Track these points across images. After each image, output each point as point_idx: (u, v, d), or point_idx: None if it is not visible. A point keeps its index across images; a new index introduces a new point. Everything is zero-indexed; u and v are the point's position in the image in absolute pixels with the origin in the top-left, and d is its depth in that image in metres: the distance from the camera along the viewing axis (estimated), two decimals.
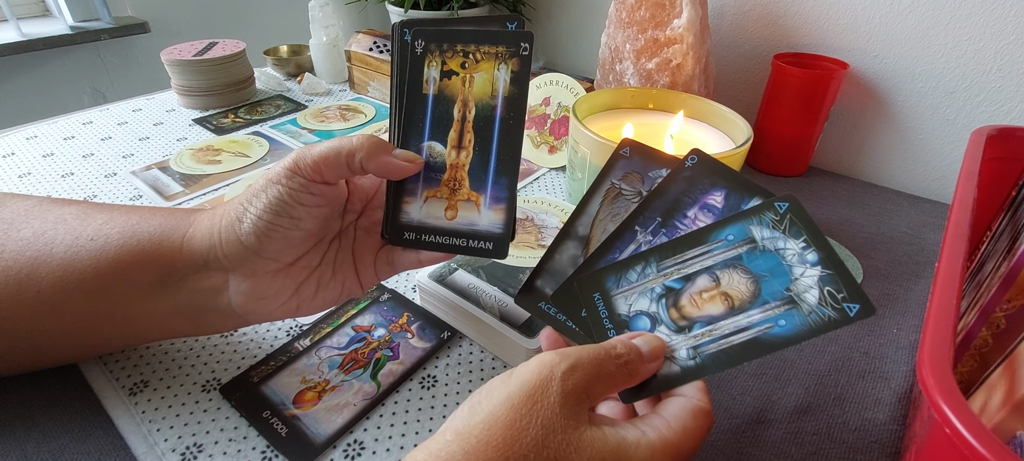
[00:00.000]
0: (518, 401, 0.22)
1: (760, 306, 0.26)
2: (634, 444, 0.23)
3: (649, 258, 0.28)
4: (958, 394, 0.19)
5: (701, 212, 0.29)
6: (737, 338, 0.26)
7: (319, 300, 0.33)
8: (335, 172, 0.29)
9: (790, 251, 0.27)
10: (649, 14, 0.61)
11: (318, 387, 0.36)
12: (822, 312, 0.25)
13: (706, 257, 0.28)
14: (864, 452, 0.34)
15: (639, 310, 0.28)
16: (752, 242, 0.27)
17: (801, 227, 0.27)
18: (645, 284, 0.28)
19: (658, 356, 0.26)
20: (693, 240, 0.28)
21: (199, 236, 0.31)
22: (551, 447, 0.21)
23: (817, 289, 0.26)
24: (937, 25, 0.58)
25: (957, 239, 0.29)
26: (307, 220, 0.30)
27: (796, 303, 0.26)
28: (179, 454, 0.32)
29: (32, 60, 1.21)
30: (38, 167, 0.63)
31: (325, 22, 0.86)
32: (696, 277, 0.27)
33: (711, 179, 0.30)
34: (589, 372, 0.24)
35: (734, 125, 0.52)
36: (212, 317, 0.32)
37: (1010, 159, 0.41)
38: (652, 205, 0.30)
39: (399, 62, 0.31)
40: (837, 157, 0.70)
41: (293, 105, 0.82)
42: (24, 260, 0.31)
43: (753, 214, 0.28)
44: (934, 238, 0.56)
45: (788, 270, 0.26)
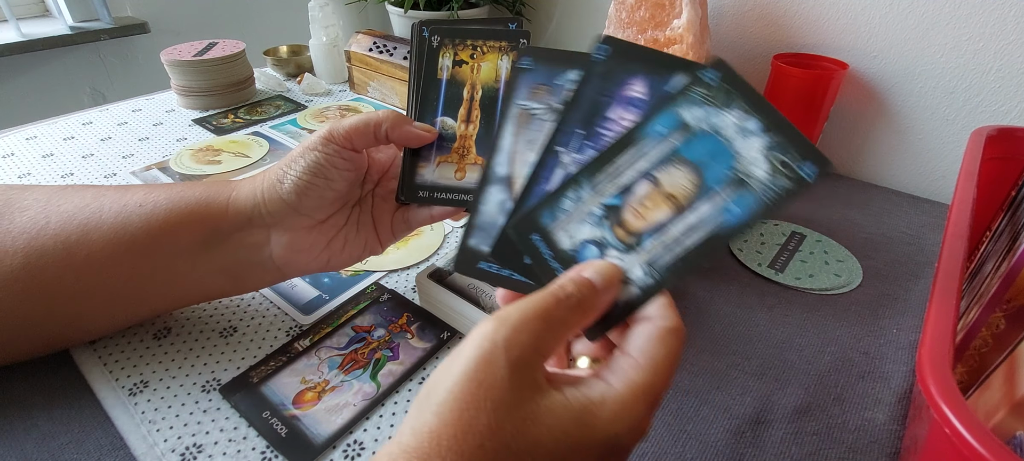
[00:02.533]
0: (462, 389, 0.20)
1: (708, 197, 0.23)
2: (599, 401, 0.21)
3: (579, 180, 0.25)
4: (958, 394, 0.19)
5: (624, 109, 0.26)
6: (691, 239, 0.23)
7: (346, 254, 0.38)
8: (363, 140, 0.34)
9: (728, 125, 0.23)
10: (649, 14, 0.61)
11: (318, 387, 0.36)
12: (776, 184, 0.22)
13: (639, 160, 0.25)
14: (864, 452, 0.34)
15: (583, 239, 0.25)
16: (685, 128, 0.24)
17: (736, 93, 0.24)
18: (582, 209, 0.25)
19: (613, 283, 0.24)
20: (621, 146, 0.25)
21: (243, 198, 0.35)
22: (506, 428, 0.19)
23: (765, 160, 0.23)
24: (937, 25, 0.58)
25: (957, 239, 0.29)
26: (338, 181, 0.35)
27: (745, 182, 0.23)
28: (179, 454, 0.32)
29: (32, 60, 1.21)
30: (38, 167, 0.63)
31: (325, 22, 0.86)
32: (634, 186, 0.24)
33: (627, 67, 0.26)
34: (536, 329, 0.21)
35: None
36: (254, 271, 0.36)
37: (1010, 159, 0.41)
38: (569, 118, 0.26)
39: (417, 54, 0.37)
40: (837, 157, 0.70)
41: (293, 105, 0.82)
42: (73, 227, 0.33)
43: (680, 96, 0.24)
44: (934, 238, 0.56)
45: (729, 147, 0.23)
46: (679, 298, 0.46)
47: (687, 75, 0.25)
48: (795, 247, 0.53)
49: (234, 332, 0.40)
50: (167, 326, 0.40)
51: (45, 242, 0.33)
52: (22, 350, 0.36)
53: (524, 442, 0.19)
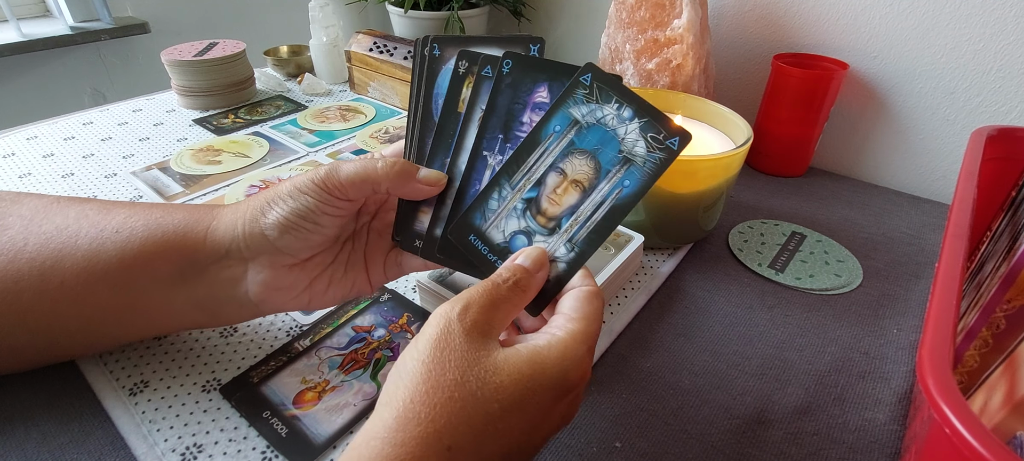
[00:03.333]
0: (428, 355, 0.23)
1: (606, 177, 0.28)
2: (546, 346, 0.25)
3: (500, 181, 0.30)
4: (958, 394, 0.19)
5: (533, 113, 0.30)
6: (598, 214, 0.28)
7: (330, 295, 0.35)
8: (360, 194, 0.32)
9: (609, 116, 0.28)
10: (649, 14, 0.61)
11: (318, 387, 0.36)
12: (652, 158, 0.27)
13: (546, 156, 0.29)
14: (864, 452, 0.34)
15: (512, 231, 0.29)
16: (576, 123, 0.29)
17: (609, 89, 0.28)
18: (506, 206, 0.29)
19: (543, 264, 0.28)
20: (528, 146, 0.29)
21: (222, 228, 0.33)
22: (470, 380, 0.23)
23: (642, 140, 0.28)
24: (937, 25, 0.58)
25: (957, 239, 0.29)
26: (328, 227, 0.32)
27: (631, 160, 0.28)
28: (179, 454, 0.32)
29: (32, 60, 1.21)
30: (38, 167, 0.63)
31: (325, 22, 0.86)
32: (545, 178, 0.29)
33: (532, 76, 0.30)
34: (483, 304, 0.25)
35: (734, 125, 0.52)
36: (229, 307, 0.34)
37: (1010, 159, 0.41)
38: (489, 124, 0.31)
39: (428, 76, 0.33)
40: (837, 157, 0.70)
41: (293, 105, 0.82)
42: (48, 252, 0.32)
43: (566, 97, 0.29)
44: (934, 238, 0.56)
45: (614, 134, 0.28)
46: (679, 299, 0.46)
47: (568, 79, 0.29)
48: (795, 247, 0.53)
49: (234, 332, 0.40)
50: None
51: (21, 266, 0.31)
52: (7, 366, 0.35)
53: (488, 389, 0.23)
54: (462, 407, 0.22)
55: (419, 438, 0.22)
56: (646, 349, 0.41)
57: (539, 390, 0.24)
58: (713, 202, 0.49)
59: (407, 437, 0.22)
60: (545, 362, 0.24)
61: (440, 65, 0.32)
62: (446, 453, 0.22)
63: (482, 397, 0.23)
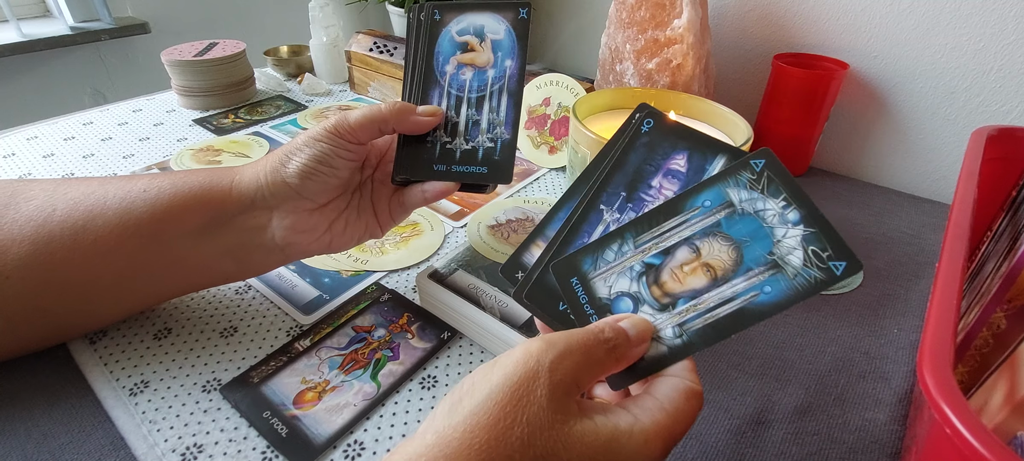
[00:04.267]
0: (502, 397, 0.20)
1: (744, 274, 0.25)
2: (627, 432, 0.22)
3: (625, 234, 0.27)
4: (958, 394, 0.19)
5: (665, 179, 0.28)
6: (723, 310, 0.25)
7: (347, 236, 0.38)
8: (368, 135, 0.35)
9: (770, 211, 0.25)
10: (649, 14, 0.61)
11: (318, 387, 0.36)
12: (808, 274, 0.24)
13: (684, 227, 0.26)
14: (864, 452, 0.34)
15: (620, 291, 0.26)
16: (730, 206, 0.26)
17: (780, 184, 0.25)
18: (623, 263, 0.26)
19: (645, 338, 0.25)
20: (668, 211, 0.27)
21: (246, 181, 0.35)
22: (538, 445, 0.20)
23: (801, 250, 0.24)
24: (937, 25, 0.58)
25: (957, 239, 0.29)
26: (342, 170, 0.36)
27: (780, 267, 0.24)
28: (179, 454, 0.32)
29: (32, 60, 1.21)
30: (38, 168, 0.63)
31: (325, 22, 0.86)
32: (675, 250, 0.26)
33: (671, 141, 0.28)
34: (578, 360, 0.22)
35: (734, 125, 0.52)
36: (257, 254, 0.37)
37: (1010, 159, 0.41)
38: (614, 180, 0.29)
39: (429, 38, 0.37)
40: (837, 157, 0.70)
41: (293, 105, 0.82)
42: (79, 213, 0.34)
43: (728, 176, 0.26)
44: (934, 238, 0.56)
45: (770, 232, 0.25)
46: None
47: (727, 157, 0.27)
48: None
49: (234, 332, 0.40)
50: (167, 326, 0.40)
51: (52, 229, 0.33)
52: (33, 338, 0.36)
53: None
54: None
55: None
56: None
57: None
58: None
59: None
60: (621, 451, 0.21)
61: (440, 28, 0.37)
62: None
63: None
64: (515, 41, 0.36)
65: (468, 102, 0.36)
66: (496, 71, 0.36)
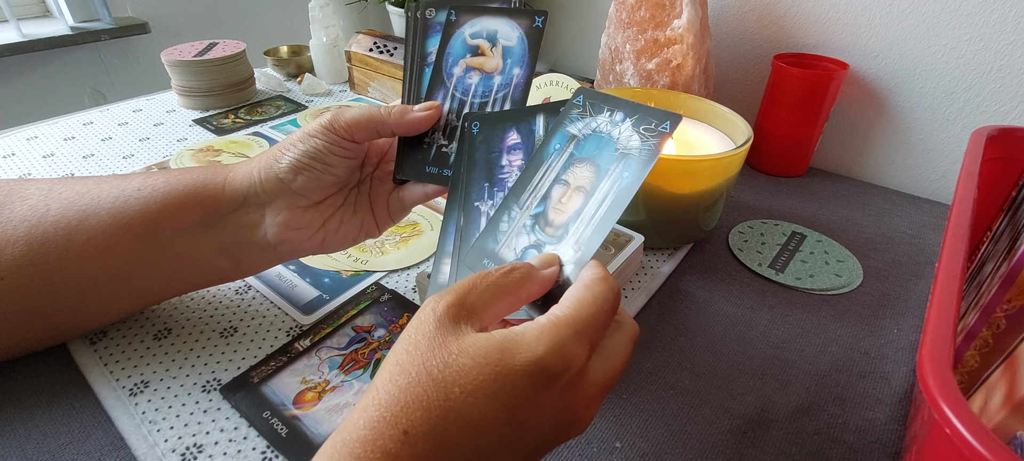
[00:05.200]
0: (400, 344, 0.23)
1: (606, 176, 0.29)
2: (520, 330, 0.23)
3: (509, 204, 0.31)
4: (958, 394, 0.19)
5: (511, 155, 0.33)
6: (602, 210, 0.28)
7: (342, 235, 0.38)
8: (365, 135, 0.35)
9: (602, 123, 0.30)
10: (649, 14, 0.61)
11: (318, 387, 0.36)
12: (648, 145, 0.29)
13: (549, 172, 0.30)
14: (864, 452, 0.34)
15: (523, 248, 0.30)
16: (574, 137, 0.31)
17: (600, 102, 0.31)
18: (516, 225, 0.30)
19: (552, 262, 0.28)
20: (533, 168, 0.31)
21: (239, 178, 0.35)
22: (432, 362, 0.22)
23: (636, 134, 0.29)
24: (937, 25, 0.58)
25: (957, 239, 0.29)
26: (338, 168, 0.35)
27: (627, 154, 0.29)
28: (179, 454, 0.32)
29: (32, 60, 1.21)
30: (38, 168, 0.63)
31: (325, 22, 0.86)
32: (550, 192, 0.30)
33: (499, 127, 0.33)
34: (461, 289, 0.24)
35: (734, 125, 0.52)
36: (250, 252, 0.36)
37: (1010, 159, 0.41)
38: (474, 180, 0.33)
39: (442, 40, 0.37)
40: (837, 157, 0.70)
41: (293, 105, 0.82)
42: (73, 213, 0.34)
43: (563, 118, 0.31)
44: (934, 238, 0.56)
45: (609, 137, 0.30)
46: (679, 299, 0.46)
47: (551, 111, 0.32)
48: (795, 247, 0.53)
49: (234, 332, 0.40)
50: (167, 326, 0.40)
51: (46, 229, 0.33)
52: (31, 339, 0.36)
53: (450, 372, 0.22)
54: (421, 390, 0.21)
55: (375, 422, 0.21)
56: (646, 349, 0.41)
57: (509, 376, 0.21)
58: (713, 202, 0.49)
59: (366, 420, 0.21)
60: (516, 348, 0.22)
61: (454, 29, 0.37)
62: (402, 437, 0.21)
63: (442, 380, 0.21)
64: (526, 50, 0.36)
65: (470, 107, 0.36)
66: (503, 78, 0.36)
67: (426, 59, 0.37)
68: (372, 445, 0.20)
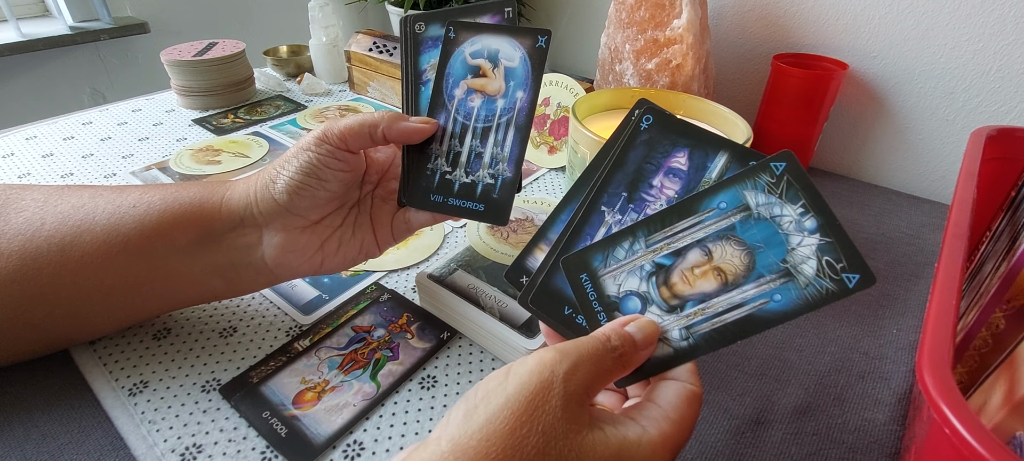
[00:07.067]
0: (518, 407, 0.21)
1: (755, 280, 0.24)
2: (635, 443, 0.22)
3: (636, 233, 0.26)
4: (957, 394, 0.19)
5: (667, 178, 0.27)
6: (731, 316, 0.24)
7: (341, 256, 0.37)
8: (359, 141, 0.33)
9: (787, 218, 0.24)
10: (649, 14, 0.61)
11: (318, 387, 0.36)
12: (819, 284, 0.24)
13: (697, 229, 0.25)
14: (864, 452, 0.34)
15: (629, 290, 0.26)
16: (746, 209, 0.25)
17: (799, 190, 0.24)
18: (634, 261, 0.26)
19: (652, 342, 0.25)
20: (683, 210, 0.26)
21: (236, 198, 0.35)
22: (552, 455, 0.20)
23: (815, 259, 0.24)
24: (937, 26, 0.58)
25: (957, 239, 0.29)
26: (333, 182, 0.34)
27: (792, 275, 0.24)
28: (179, 454, 0.32)
29: (32, 60, 1.21)
30: (38, 167, 0.63)
31: (325, 22, 0.86)
32: (687, 251, 0.25)
33: (671, 139, 0.28)
34: (590, 370, 0.23)
35: (734, 125, 0.52)
36: (246, 273, 0.36)
37: (1009, 159, 0.41)
38: (614, 180, 0.28)
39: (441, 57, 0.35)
40: (837, 157, 0.70)
41: (293, 105, 0.82)
42: (67, 229, 0.33)
43: (747, 177, 0.25)
44: (934, 238, 0.56)
45: (785, 239, 0.24)
46: None
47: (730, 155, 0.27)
48: None
49: (234, 332, 0.40)
50: (167, 326, 0.40)
51: (40, 244, 0.33)
52: (24, 350, 0.36)
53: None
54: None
55: None
56: None
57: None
58: None
59: None
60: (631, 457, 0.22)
61: (454, 47, 0.35)
62: None
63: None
64: (529, 72, 0.34)
65: (473, 132, 0.34)
66: (506, 102, 0.34)
67: (421, 76, 0.36)
68: None
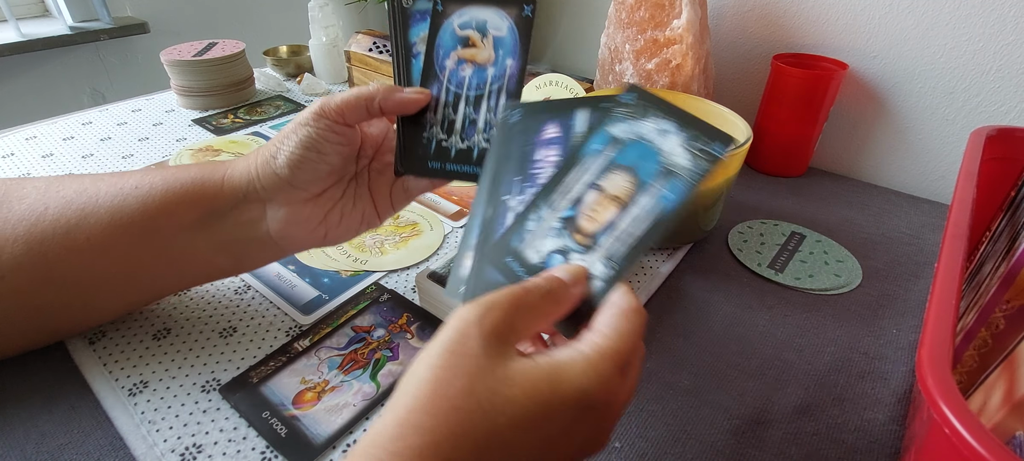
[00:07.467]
0: (438, 360, 0.22)
1: (646, 191, 0.27)
2: (568, 361, 0.23)
3: (538, 203, 0.29)
4: (957, 394, 0.19)
5: (547, 149, 0.30)
6: (639, 227, 0.27)
7: (343, 227, 0.37)
8: (355, 114, 0.34)
9: (649, 131, 0.28)
10: (648, 15, 0.61)
11: (318, 388, 0.36)
12: (697, 166, 0.27)
13: (584, 175, 0.28)
14: (864, 452, 0.34)
15: (549, 251, 0.28)
16: (616, 141, 0.28)
17: (650, 106, 0.28)
18: (544, 226, 0.28)
19: (580, 278, 0.27)
20: (568, 166, 0.29)
21: (237, 175, 0.35)
22: (479, 390, 0.21)
23: (685, 150, 0.27)
24: (937, 26, 0.58)
25: (956, 239, 0.29)
26: (332, 155, 0.34)
27: (673, 172, 0.27)
28: (178, 454, 0.32)
29: (32, 60, 1.21)
30: (38, 168, 0.63)
31: (325, 22, 0.86)
32: (583, 197, 0.28)
33: (539, 118, 0.31)
34: (507, 309, 0.23)
35: (734, 125, 0.52)
36: (252, 248, 0.36)
37: (1009, 159, 0.41)
38: (505, 171, 0.31)
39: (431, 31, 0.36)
40: (837, 157, 0.70)
41: (293, 105, 0.82)
42: (71, 212, 0.34)
43: (606, 116, 0.29)
44: (933, 238, 0.56)
45: (655, 149, 0.28)
46: (679, 299, 0.46)
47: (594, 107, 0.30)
48: (795, 247, 0.53)
49: (234, 332, 0.40)
50: (167, 326, 0.40)
51: (45, 228, 0.33)
52: (33, 337, 0.37)
53: (497, 401, 0.21)
54: (467, 418, 0.21)
55: (417, 449, 0.20)
56: (646, 349, 0.41)
57: (555, 408, 0.22)
58: (713, 202, 0.49)
59: (405, 446, 0.20)
60: (564, 378, 0.22)
61: (442, 20, 0.35)
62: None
63: (489, 410, 0.21)
64: (517, 39, 0.35)
65: (466, 100, 0.36)
66: (496, 70, 0.35)
67: (412, 49, 0.36)
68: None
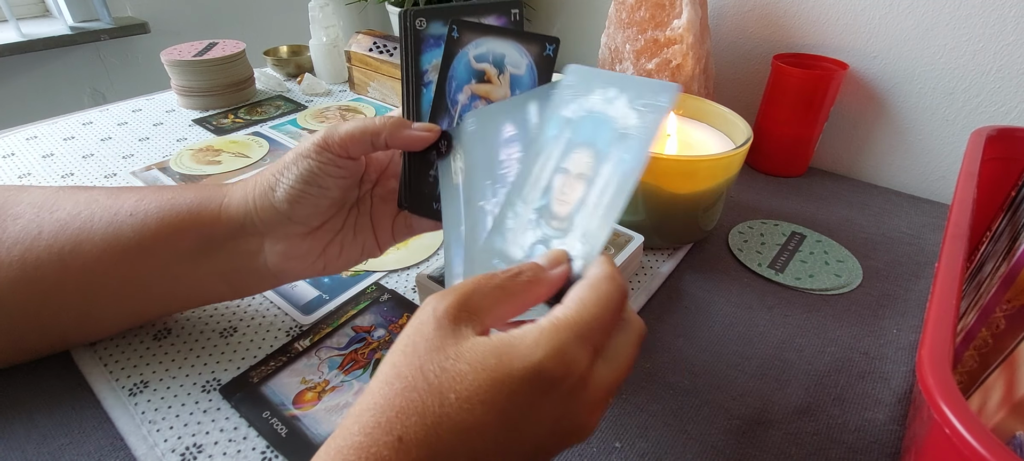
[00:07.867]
0: (398, 346, 0.23)
1: (605, 160, 0.27)
2: (520, 334, 0.22)
3: (512, 201, 0.29)
4: (958, 394, 0.19)
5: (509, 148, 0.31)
6: (606, 195, 0.27)
7: (343, 259, 0.37)
8: (360, 149, 0.33)
9: (597, 102, 0.29)
10: (649, 14, 0.61)
11: (318, 387, 0.36)
12: (646, 122, 0.27)
13: (549, 162, 0.29)
14: (864, 452, 0.34)
15: (530, 243, 0.28)
16: (569, 121, 0.29)
17: (592, 80, 0.29)
18: (522, 221, 0.29)
19: (559, 261, 0.26)
20: (530, 160, 0.29)
21: (235, 205, 0.34)
22: (429, 367, 0.21)
23: (633, 111, 0.27)
24: (937, 26, 0.58)
25: (957, 239, 0.29)
26: (333, 189, 0.33)
27: (626, 134, 0.27)
28: (179, 454, 0.32)
29: (32, 60, 1.21)
30: (38, 168, 0.63)
31: (325, 22, 0.86)
32: (552, 182, 0.29)
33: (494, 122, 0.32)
34: (465, 290, 0.23)
35: (734, 125, 0.52)
36: (250, 278, 0.36)
37: (1010, 159, 0.41)
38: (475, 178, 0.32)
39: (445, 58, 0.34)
40: (837, 157, 0.70)
41: (293, 106, 0.82)
42: (65, 237, 0.33)
43: (556, 101, 0.30)
44: (934, 238, 0.56)
45: (605, 117, 0.28)
46: (679, 299, 0.46)
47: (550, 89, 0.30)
48: (795, 247, 0.53)
49: (234, 332, 0.40)
50: (167, 326, 0.40)
51: (39, 253, 0.32)
52: (30, 350, 0.37)
53: (446, 377, 0.21)
54: (417, 395, 0.21)
55: (370, 428, 0.20)
56: (646, 349, 0.41)
57: (506, 382, 0.21)
58: (713, 202, 0.49)
59: (361, 425, 0.21)
60: (514, 350, 0.21)
61: (457, 48, 0.33)
62: (396, 443, 0.20)
63: (438, 385, 0.21)
64: (536, 82, 0.33)
65: None
66: None
67: (423, 77, 0.34)
68: (366, 452, 0.20)
